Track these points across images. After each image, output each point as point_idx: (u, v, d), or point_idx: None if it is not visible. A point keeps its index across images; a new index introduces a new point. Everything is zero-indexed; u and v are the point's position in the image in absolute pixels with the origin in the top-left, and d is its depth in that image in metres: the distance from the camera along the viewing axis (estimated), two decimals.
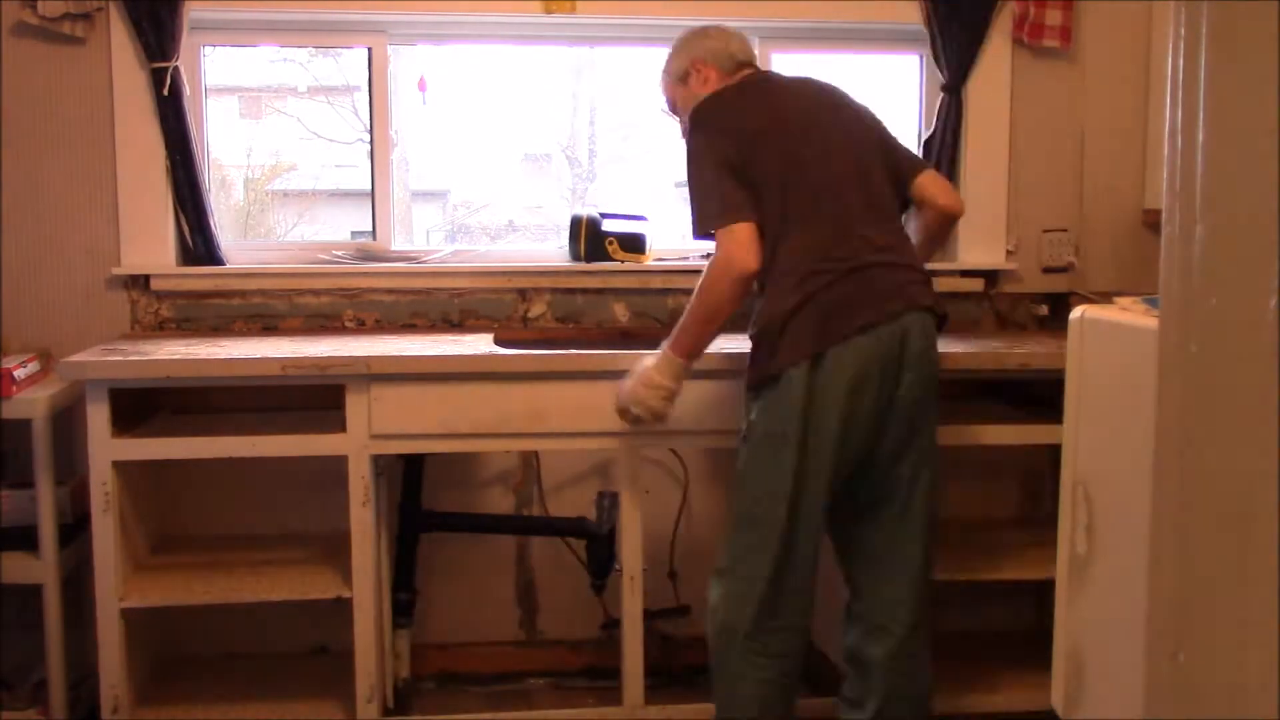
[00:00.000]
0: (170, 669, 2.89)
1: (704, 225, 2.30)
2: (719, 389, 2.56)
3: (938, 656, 2.98)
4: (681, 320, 2.34)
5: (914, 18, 3.11)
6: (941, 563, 2.79)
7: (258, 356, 2.52)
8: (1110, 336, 1.65)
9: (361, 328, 3.07)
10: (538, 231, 3.64)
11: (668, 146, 3.91)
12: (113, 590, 2.51)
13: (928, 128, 3.18)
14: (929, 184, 2.45)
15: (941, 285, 3.19)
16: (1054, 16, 3.14)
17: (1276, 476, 0.80)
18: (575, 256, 3.15)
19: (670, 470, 3.07)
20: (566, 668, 3.07)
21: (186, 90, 2.93)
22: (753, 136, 2.31)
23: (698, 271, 3.11)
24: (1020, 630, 3.19)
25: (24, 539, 2.58)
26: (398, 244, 3.23)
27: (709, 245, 2.47)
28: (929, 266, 3.18)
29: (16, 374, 2.58)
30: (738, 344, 2.45)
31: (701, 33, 2.57)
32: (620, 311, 3.14)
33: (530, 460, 3.10)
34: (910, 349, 2.22)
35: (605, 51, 3.49)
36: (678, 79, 2.56)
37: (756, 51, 3.24)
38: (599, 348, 2.92)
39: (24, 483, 2.62)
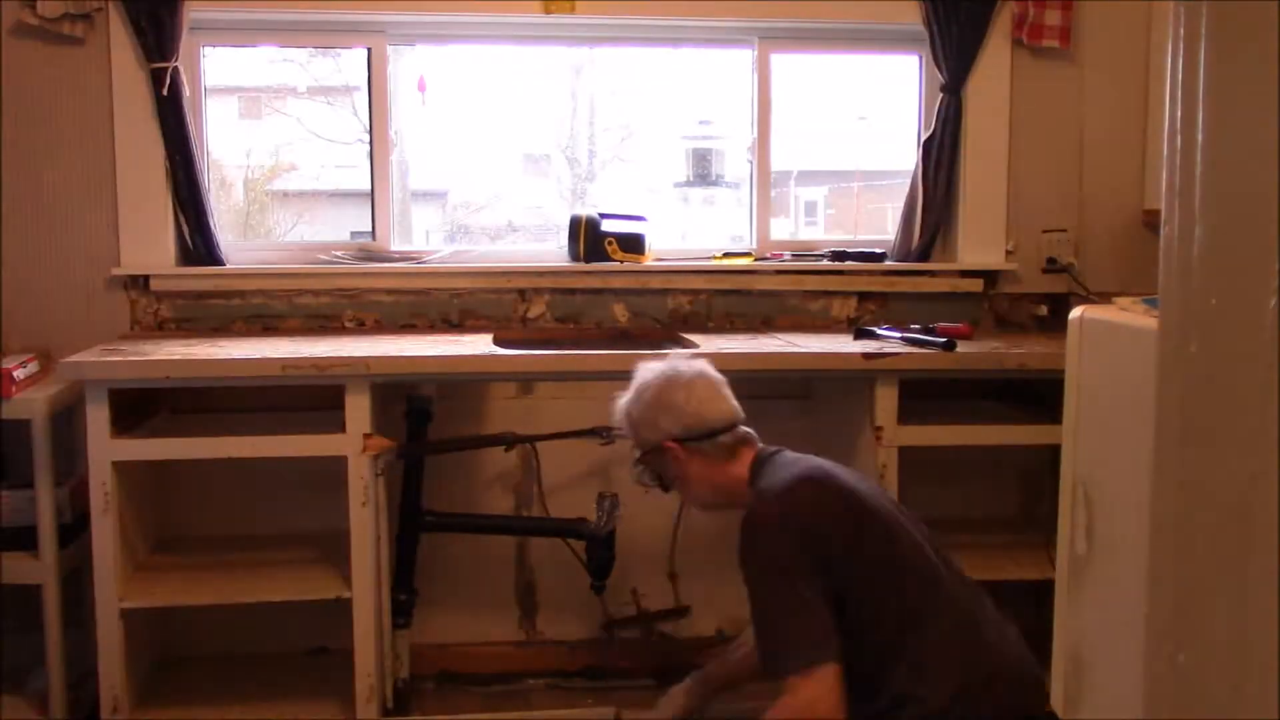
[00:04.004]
0: (170, 669, 2.89)
1: (783, 662, 1.90)
2: None
3: None
4: None
5: (914, 18, 3.11)
6: None
7: (257, 356, 2.52)
8: (1110, 337, 1.65)
9: (361, 328, 3.07)
10: (537, 232, 3.64)
11: (667, 147, 3.92)
12: (113, 590, 2.51)
13: (927, 128, 3.18)
14: None
15: (941, 285, 3.21)
16: (1053, 16, 3.14)
17: (1276, 476, 0.80)
18: (574, 257, 3.14)
19: None
20: (566, 668, 3.06)
21: (186, 91, 2.93)
22: (846, 534, 1.98)
23: (696, 272, 3.15)
24: (1020, 630, 3.18)
25: (24, 539, 2.58)
26: (397, 244, 3.23)
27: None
28: (932, 265, 3.21)
29: (16, 374, 2.58)
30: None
31: (664, 392, 2.13)
32: (619, 312, 3.14)
33: (530, 460, 3.10)
34: None
35: (605, 51, 3.49)
36: (651, 454, 2.18)
37: (755, 52, 3.25)
38: (598, 348, 2.92)
39: (24, 483, 2.62)
